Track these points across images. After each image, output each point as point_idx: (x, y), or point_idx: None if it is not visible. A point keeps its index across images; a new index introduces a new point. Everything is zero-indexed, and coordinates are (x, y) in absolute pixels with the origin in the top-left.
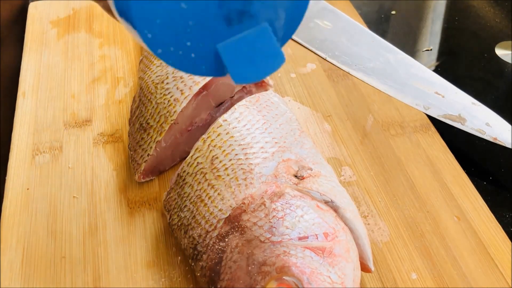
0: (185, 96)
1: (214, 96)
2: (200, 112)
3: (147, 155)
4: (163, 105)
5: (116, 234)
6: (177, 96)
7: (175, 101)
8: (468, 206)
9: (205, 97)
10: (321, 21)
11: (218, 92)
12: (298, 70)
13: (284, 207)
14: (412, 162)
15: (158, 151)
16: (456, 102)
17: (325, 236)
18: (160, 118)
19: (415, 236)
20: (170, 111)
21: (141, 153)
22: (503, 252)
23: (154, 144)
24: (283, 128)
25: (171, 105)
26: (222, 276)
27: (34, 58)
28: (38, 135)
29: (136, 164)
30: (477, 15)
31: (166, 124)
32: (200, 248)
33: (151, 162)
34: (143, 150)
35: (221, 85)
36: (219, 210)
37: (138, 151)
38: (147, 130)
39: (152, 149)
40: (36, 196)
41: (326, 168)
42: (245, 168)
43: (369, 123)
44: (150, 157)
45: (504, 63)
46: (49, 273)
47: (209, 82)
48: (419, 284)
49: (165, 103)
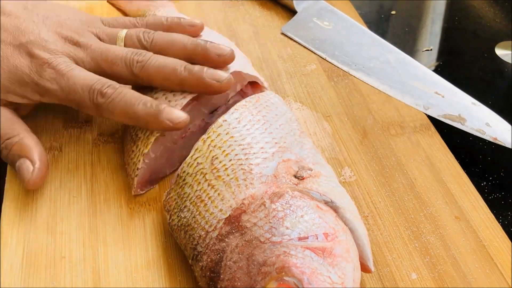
0: (176, 104)
1: (206, 105)
2: (192, 121)
3: (136, 168)
4: None
5: (116, 234)
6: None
7: None
8: (468, 206)
9: (195, 106)
10: (321, 21)
11: (210, 100)
12: (298, 70)
13: (284, 207)
14: (412, 162)
15: (148, 162)
16: (456, 102)
17: (325, 237)
18: (147, 130)
19: (415, 236)
20: None
21: (132, 167)
22: (503, 252)
23: (142, 157)
24: (283, 129)
25: None
26: (222, 277)
27: None
28: (38, 136)
29: (130, 179)
30: (477, 15)
31: (152, 136)
32: (200, 248)
33: (143, 175)
34: (133, 163)
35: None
36: (219, 210)
37: (130, 165)
38: (136, 142)
39: (141, 162)
40: (36, 196)
41: (326, 168)
42: (245, 168)
43: (369, 123)
44: (140, 170)
45: (504, 63)
46: (49, 273)
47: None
48: (419, 284)
49: None
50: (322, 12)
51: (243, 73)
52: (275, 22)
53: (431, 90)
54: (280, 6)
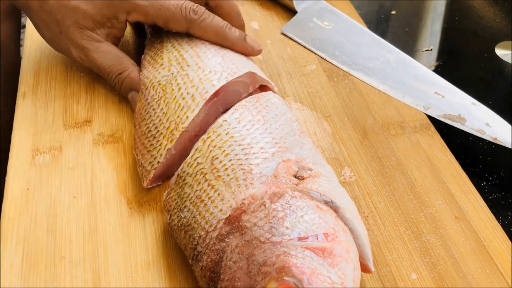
0: (197, 102)
1: (222, 103)
2: (210, 119)
3: (157, 162)
4: (173, 110)
5: (116, 234)
6: (188, 102)
7: (186, 108)
8: (468, 206)
9: (214, 103)
10: (321, 21)
11: (227, 98)
12: (298, 70)
13: (284, 207)
14: (412, 162)
15: (168, 158)
16: (456, 102)
17: (325, 237)
18: (170, 124)
19: (415, 236)
20: (181, 118)
21: (150, 160)
22: (503, 252)
23: (165, 151)
24: (283, 129)
25: (182, 110)
26: (222, 277)
27: (34, 58)
28: (38, 136)
29: (145, 171)
30: (477, 15)
31: (177, 131)
32: (200, 248)
33: (160, 169)
34: (152, 156)
35: (231, 92)
36: (219, 210)
37: (146, 157)
38: (157, 137)
39: (163, 157)
40: (36, 196)
41: (326, 168)
42: (245, 168)
43: (369, 123)
44: (160, 164)
45: (504, 63)
46: (49, 273)
47: (219, 89)
48: (419, 284)
49: (175, 108)
50: (322, 12)
51: (257, 75)
52: (275, 22)
53: (431, 90)
54: (280, 6)
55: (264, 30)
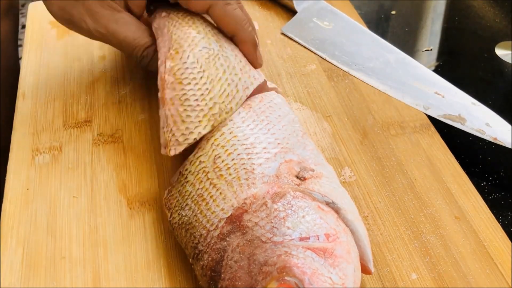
0: (240, 96)
1: None
2: None
3: (193, 138)
4: (218, 92)
5: (116, 234)
6: (233, 91)
7: (231, 96)
8: (468, 206)
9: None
10: (321, 21)
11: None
12: (298, 70)
13: (285, 207)
14: (412, 162)
15: None
16: (456, 102)
17: (326, 237)
18: (214, 106)
19: (415, 236)
20: (226, 106)
21: (184, 131)
22: (503, 252)
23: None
24: (286, 129)
25: (227, 97)
26: (223, 276)
27: (34, 58)
28: (38, 136)
29: (175, 140)
30: (477, 15)
31: (220, 117)
32: (201, 247)
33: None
34: (187, 129)
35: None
36: (221, 209)
37: (180, 127)
38: (197, 111)
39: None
40: (36, 196)
41: (328, 169)
42: (247, 168)
43: (369, 123)
44: (194, 141)
45: (504, 63)
46: (49, 273)
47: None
48: (419, 284)
49: (220, 91)
50: (322, 12)
51: (267, 83)
52: (275, 22)
53: (431, 90)
54: (280, 6)
55: (264, 30)
